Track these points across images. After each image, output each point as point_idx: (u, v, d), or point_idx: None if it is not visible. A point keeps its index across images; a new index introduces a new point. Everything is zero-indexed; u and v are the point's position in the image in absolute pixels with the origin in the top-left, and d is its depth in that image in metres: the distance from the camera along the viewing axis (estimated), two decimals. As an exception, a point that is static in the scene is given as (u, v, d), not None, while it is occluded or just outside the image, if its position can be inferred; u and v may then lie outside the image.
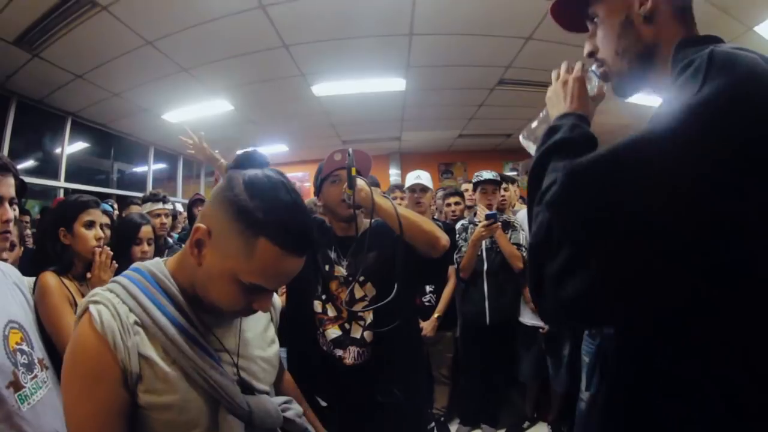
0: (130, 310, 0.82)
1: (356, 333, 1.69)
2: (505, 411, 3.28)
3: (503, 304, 3.00)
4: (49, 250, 1.73)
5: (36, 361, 1.32)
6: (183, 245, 0.95)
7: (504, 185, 3.34)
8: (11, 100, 4.57)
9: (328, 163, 1.76)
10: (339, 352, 1.68)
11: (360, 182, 1.56)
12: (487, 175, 3.16)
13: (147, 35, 3.65)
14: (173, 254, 0.97)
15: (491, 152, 8.76)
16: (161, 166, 7.42)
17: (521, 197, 4.31)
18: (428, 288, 3.01)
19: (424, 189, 2.91)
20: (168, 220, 3.35)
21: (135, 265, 0.92)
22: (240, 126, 6.33)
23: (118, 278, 0.88)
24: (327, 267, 1.75)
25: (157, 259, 0.95)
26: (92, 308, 0.80)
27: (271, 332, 1.12)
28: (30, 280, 1.62)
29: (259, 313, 0.97)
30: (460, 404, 3.30)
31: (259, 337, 1.04)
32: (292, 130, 6.87)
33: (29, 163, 5.21)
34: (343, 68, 4.64)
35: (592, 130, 0.84)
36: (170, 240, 3.50)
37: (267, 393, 0.99)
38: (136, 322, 0.81)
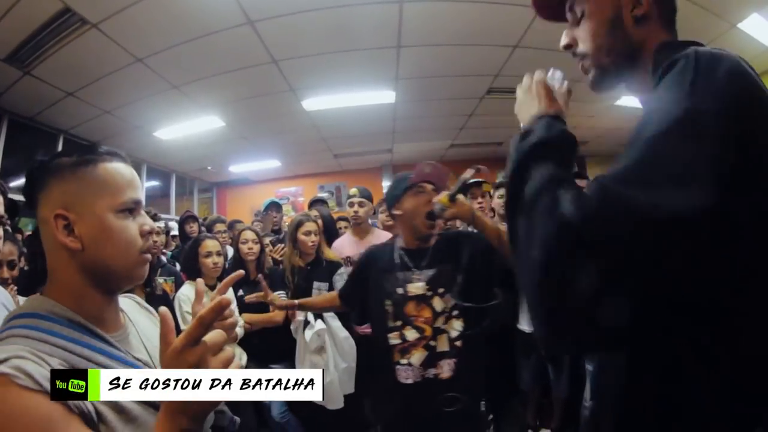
0: (50, 354, 0.70)
1: (443, 347, 1.69)
2: (506, 419, 3.25)
3: (501, 309, 2.95)
4: (41, 270, 1.71)
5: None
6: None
7: (501, 192, 3.32)
8: (3, 118, 4.56)
9: (417, 173, 1.80)
10: (432, 371, 1.68)
11: (461, 197, 1.63)
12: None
13: (137, 52, 3.68)
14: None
15: (484, 161, 8.72)
16: (154, 183, 7.42)
17: None
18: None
19: None
20: (160, 238, 3.33)
21: (12, 314, 0.80)
22: (232, 142, 6.36)
23: (11, 332, 0.73)
24: (399, 290, 1.76)
25: (31, 297, 0.88)
26: (7, 370, 0.63)
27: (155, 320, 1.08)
28: (23, 300, 1.61)
29: (141, 319, 1.00)
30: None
31: (152, 332, 0.99)
32: (283, 145, 6.89)
33: (22, 182, 5.14)
34: (332, 82, 4.68)
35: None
36: (163, 258, 3.48)
37: None
38: (61, 365, 0.70)
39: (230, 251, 3.96)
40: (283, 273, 2.99)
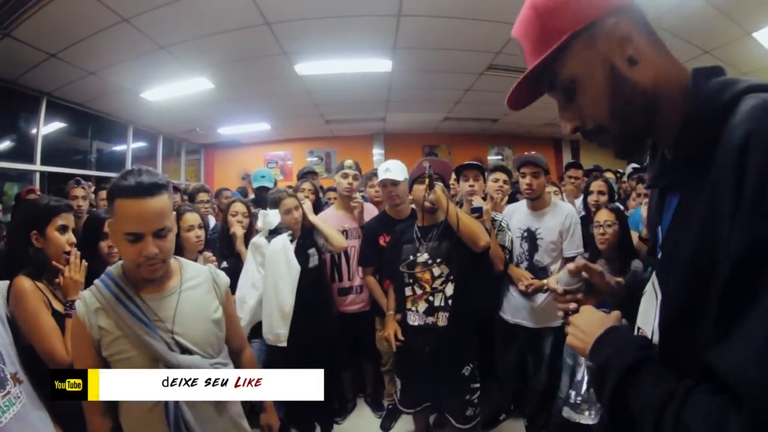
0: (96, 299, 1.27)
1: (439, 302, 2.24)
2: (481, 402, 3.29)
3: (483, 300, 2.89)
4: (21, 253, 1.66)
5: (8, 377, 1.27)
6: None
7: (496, 175, 3.26)
8: (-18, 82, 4.38)
9: (417, 169, 2.35)
10: (431, 319, 2.24)
11: (437, 188, 2.20)
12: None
13: (123, 12, 3.49)
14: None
15: (477, 136, 8.73)
16: (141, 144, 7.23)
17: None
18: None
19: (394, 183, 2.80)
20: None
21: (108, 271, 1.34)
22: (221, 104, 6.20)
23: (97, 281, 1.32)
24: (411, 257, 2.31)
25: (118, 262, 1.36)
26: (77, 302, 1.29)
27: (214, 305, 1.45)
28: (2, 285, 1.58)
29: (199, 290, 1.42)
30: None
31: (196, 308, 1.38)
32: (274, 108, 6.75)
33: (3, 146, 5.03)
34: (327, 48, 4.54)
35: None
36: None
37: (204, 355, 1.34)
38: (98, 307, 1.26)
39: (212, 221, 3.87)
40: None
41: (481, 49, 4.58)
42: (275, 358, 2.71)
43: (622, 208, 2.71)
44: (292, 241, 2.78)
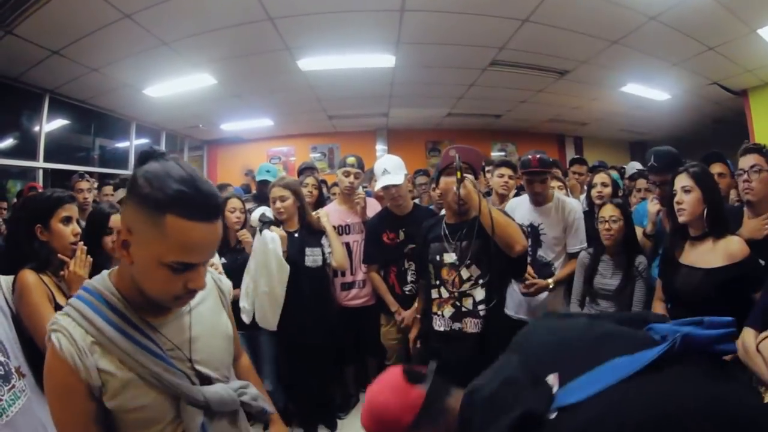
0: (86, 332, 0.90)
1: (468, 306, 2.03)
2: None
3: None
4: (25, 247, 1.66)
5: (12, 370, 1.27)
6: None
7: (501, 171, 3.23)
8: (-15, 79, 4.39)
9: (444, 158, 2.11)
10: (458, 325, 2.03)
11: (468, 183, 1.91)
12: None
13: (125, 8, 3.49)
14: None
15: (480, 132, 8.70)
16: (143, 141, 7.22)
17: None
18: (409, 278, 2.94)
19: (396, 187, 2.79)
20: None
21: (85, 284, 0.99)
22: (224, 100, 6.20)
23: (72, 301, 0.95)
24: (438, 257, 2.11)
25: (102, 274, 1.01)
26: (53, 337, 0.89)
27: (224, 318, 1.19)
28: (8, 279, 1.58)
29: (207, 304, 1.12)
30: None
31: (210, 327, 1.11)
32: (277, 104, 6.74)
33: (6, 144, 5.04)
34: (330, 43, 4.53)
35: None
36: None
37: (224, 380, 1.11)
38: (93, 342, 0.90)
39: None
40: None
41: (485, 45, 4.57)
42: (282, 355, 2.91)
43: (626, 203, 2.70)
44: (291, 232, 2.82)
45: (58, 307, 1.58)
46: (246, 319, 2.74)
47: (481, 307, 2.01)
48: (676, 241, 2.04)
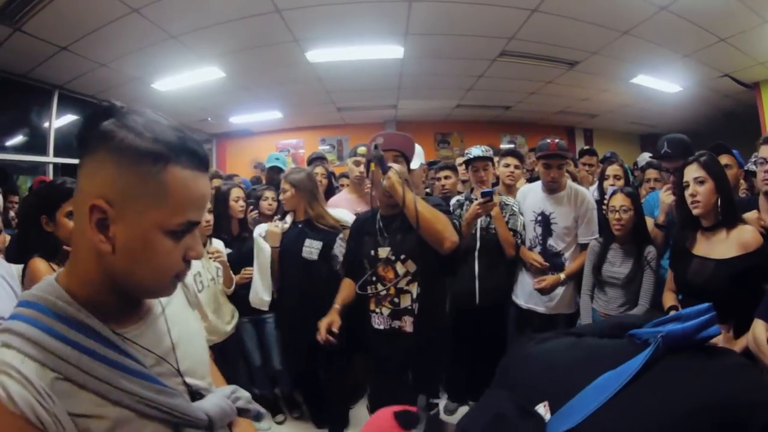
0: (42, 365, 0.63)
1: (406, 304, 1.92)
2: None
3: (494, 285, 2.88)
4: (33, 237, 1.69)
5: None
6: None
7: (507, 160, 3.23)
8: (-5, 76, 4.44)
9: (368, 148, 1.96)
10: (397, 323, 1.94)
11: (391, 174, 1.77)
12: (476, 151, 3.02)
13: (132, 2, 3.50)
14: None
15: (489, 124, 8.65)
16: (153, 135, 7.28)
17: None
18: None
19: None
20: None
21: (23, 297, 0.72)
22: (232, 93, 6.21)
23: (11, 325, 0.66)
24: (372, 252, 1.98)
25: (46, 279, 0.75)
26: (2, 387, 0.59)
27: (195, 317, 1.00)
28: (18, 268, 1.60)
29: (177, 298, 0.91)
30: (448, 381, 3.26)
31: (185, 325, 0.91)
32: (286, 96, 6.74)
33: (16, 140, 5.10)
34: (338, 34, 4.51)
35: None
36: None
37: (210, 387, 0.91)
38: (55, 378, 0.63)
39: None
40: None
41: (494, 35, 4.53)
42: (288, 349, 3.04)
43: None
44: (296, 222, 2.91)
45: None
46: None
47: (415, 305, 1.92)
48: (687, 233, 2.02)
